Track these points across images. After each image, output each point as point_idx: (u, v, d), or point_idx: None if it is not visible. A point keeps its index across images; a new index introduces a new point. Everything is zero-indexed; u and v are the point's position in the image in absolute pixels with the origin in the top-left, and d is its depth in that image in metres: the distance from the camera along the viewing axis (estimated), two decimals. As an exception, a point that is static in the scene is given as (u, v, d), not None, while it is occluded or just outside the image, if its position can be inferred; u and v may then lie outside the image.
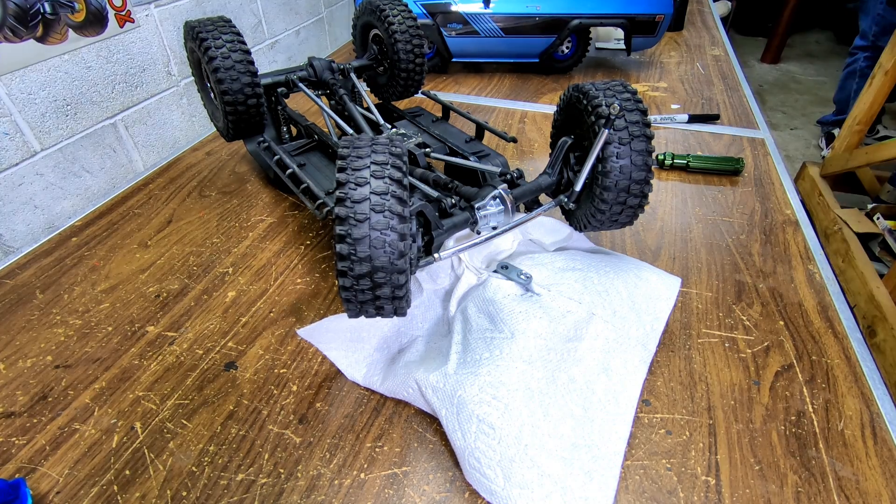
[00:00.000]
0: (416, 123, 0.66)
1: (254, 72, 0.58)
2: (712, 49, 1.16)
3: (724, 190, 0.67)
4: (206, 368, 0.44)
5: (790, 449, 0.37)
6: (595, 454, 0.35)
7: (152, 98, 0.78)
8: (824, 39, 3.70)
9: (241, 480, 0.36)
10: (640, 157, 0.42)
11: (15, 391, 0.42)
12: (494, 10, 0.90)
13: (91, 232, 0.60)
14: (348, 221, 0.32)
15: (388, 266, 0.33)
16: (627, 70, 1.05)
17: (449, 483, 0.36)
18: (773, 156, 0.74)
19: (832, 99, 2.27)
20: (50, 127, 0.63)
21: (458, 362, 0.39)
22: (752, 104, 0.90)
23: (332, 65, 0.67)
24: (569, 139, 0.47)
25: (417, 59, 0.66)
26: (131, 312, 0.49)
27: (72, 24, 0.64)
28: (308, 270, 0.54)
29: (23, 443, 0.39)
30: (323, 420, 0.40)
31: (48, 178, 0.64)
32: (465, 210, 0.43)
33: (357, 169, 0.33)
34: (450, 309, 0.45)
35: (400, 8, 0.65)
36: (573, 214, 0.49)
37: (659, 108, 0.88)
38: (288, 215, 0.62)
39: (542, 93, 0.95)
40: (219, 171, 0.72)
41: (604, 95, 0.43)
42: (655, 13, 0.92)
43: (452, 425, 0.36)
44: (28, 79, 0.60)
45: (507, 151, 0.75)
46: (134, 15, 0.72)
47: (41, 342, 0.46)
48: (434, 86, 0.99)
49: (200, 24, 0.57)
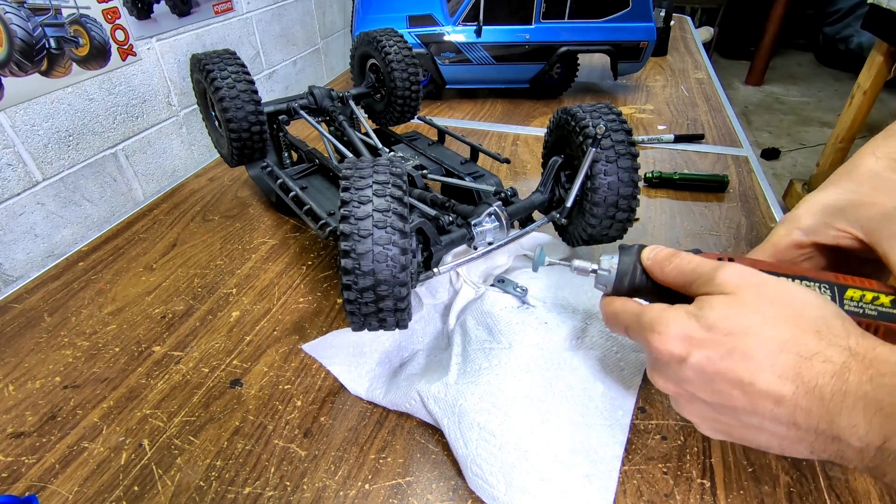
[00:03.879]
0: (412, 147, 0.68)
1: (257, 100, 0.60)
2: (696, 73, 1.21)
3: (710, 206, 0.69)
4: (212, 386, 0.45)
5: (781, 451, 0.39)
6: (593, 458, 0.36)
7: (153, 128, 0.80)
8: (806, 62, 3.82)
9: (248, 494, 0.37)
10: (626, 174, 0.44)
11: (24, 411, 0.43)
12: (485, 38, 0.93)
13: (97, 256, 0.62)
14: (352, 237, 0.34)
15: (391, 279, 0.35)
16: (615, 94, 1.09)
17: (452, 492, 0.37)
18: (757, 172, 0.77)
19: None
20: (52, 157, 0.65)
21: (458, 373, 0.40)
22: (735, 124, 0.94)
23: (332, 93, 0.70)
24: (559, 159, 0.50)
25: (413, 87, 0.69)
26: (138, 333, 0.50)
27: (76, 58, 0.66)
28: (310, 290, 0.56)
29: (33, 461, 0.39)
30: (327, 434, 0.41)
31: (49, 208, 0.66)
32: (462, 227, 0.45)
33: (360, 188, 0.35)
34: (449, 322, 0.46)
35: (396, 39, 0.69)
36: (566, 230, 0.51)
37: (646, 129, 0.92)
38: (289, 237, 0.64)
39: (534, 116, 0.99)
40: (221, 195, 0.74)
41: (591, 117, 0.45)
42: (640, 40, 0.96)
43: (455, 434, 0.37)
44: (32, 111, 0.62)
45: (500, 172, 0.78)
46: (136, 48, 0.75)
47: (49, 364, 0.47)
48: (429, 111, 1.02)
49: (206, 56, 0.60)
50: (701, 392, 0.29)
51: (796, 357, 0.26)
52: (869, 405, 0.24)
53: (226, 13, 0.91)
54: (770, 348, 0.27)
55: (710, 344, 0.28)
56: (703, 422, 0.31)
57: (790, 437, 0.27)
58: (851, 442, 0.24)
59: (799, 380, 0.26)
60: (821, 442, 0.26)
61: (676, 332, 0.29)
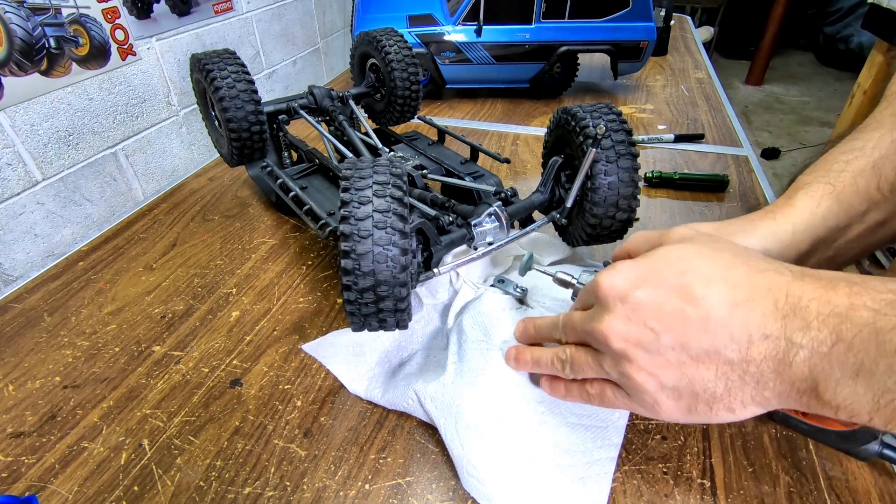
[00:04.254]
0: (412, 147, 0.68)
1: (257, 100, 0.60)
2: (696, 72, 1.21)
3: (710, 205, 0.69)
4: (212, 386, 0.45)
5: (781, 451, 0.39)
6: (589, 460, 0.36)
7: (152, 128, 0.80)
8: (806, 61, 3.82)
9: (248, 494, 0.37)
10: (626, 174, 0.44)
11: (24, 411, 0.43)
12: (485, 38, 0.93)
13: (97, 256, 0.62)
14: (352, 238, 0.34)
15: (391, 279, 0.35)
16: (615, 94, 1.09)
17: (451, 492, 0.37)
18: (757, 172, 0.77)
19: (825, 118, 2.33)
20: (52, 157, 0.65)
21: (455, 373, 0.40)
22: (735, 124, 0.94)
23: (332, 92, 0.70)
24: (559, 159, 0.49)
25: (413, 86, 0.69)
26: (138, 333, 0.50)
27: (75, 57, 0.66)
28: (310, 290, 0.56)
29: (32, 461, 0.39)
30: (327, 434, 0.41)
31: (49, 207, 0.66)
32: (462, 227, 0.45)
33: (360, 189, 0.35)
34: (448, 322, 0.46)
35: (396, 38, 0.68)
36: (566, 230, 0.51)
37: (646, 129, 0.92)
38: (289, 237, 0.64)
39: (534, 116, 0.99)
40: (221, 195, 0.74)
41: (591, 117, 0.45)
42: (640, 39, 0.96)
43: (451, 434, 0.37)
44: (31, 110, 0.62)
45: (500, 172, 0.78)
46: (136, 48, 0.75)
47: (49, 363, 0.47)
48: (429, 111, 1.02)
49: (206, 56, 0.60)
50: (651, 320, 0.28)
51: (748, 269, 0.27)
52: (823, 305, 0.24)
53: (226, 13, 0.91)
54: (721, 265, 0.28)
55: (660, 270, 0.29)
56: (651, 375, 0.29)
57: (741, 360, 0.26)
58: (804, 342, 0.25)
59: (752, 287, 0.26)
60: (771, 350, 0.25)
61: (623, 268, 0.30)
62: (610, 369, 0.31)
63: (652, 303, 0.28)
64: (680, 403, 0.29)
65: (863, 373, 0.23)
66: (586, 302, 0.34)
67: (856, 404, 0.24)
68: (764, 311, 0.26)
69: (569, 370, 0.34)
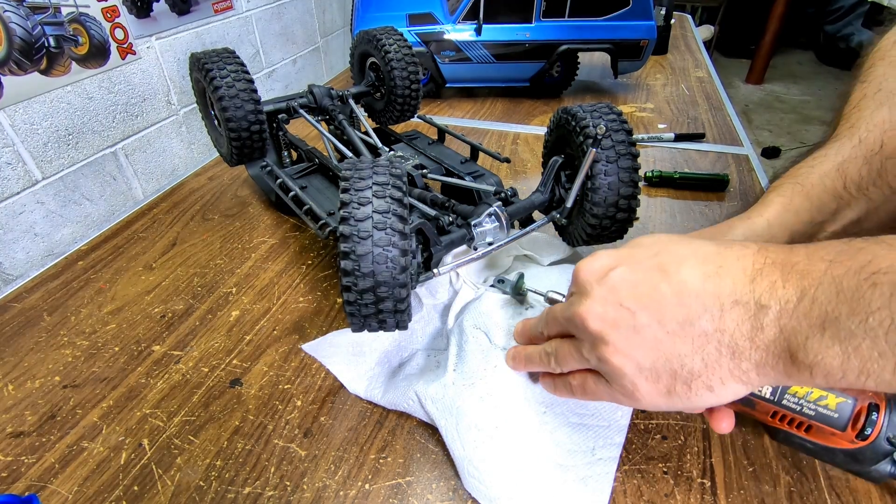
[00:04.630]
0: (412, 146, 0.68)
1: (257, 100, 0.60)
2: (696, 71, 1.21)
3: (710, 205, 0.69)
4: (212, 386, 0.45)
5: (781, 450, 0.39)
6: (590, 461, 0.36)
7: (152, 127, 0.80)
8: (806, 60, 3.81)
9: (248, 493, 0.37)
10: (626, 174, 0.44)
11: (24, 411, 0.43)
12: (485, 37, 0.93)
13: (97, 256, 0.62)
14: (352, 239, 0.34)
15: (391, 280, 0.35)
16: (615, 92, 1.09)
17: (452, 492, 0.37)
18: (757, 171, 0.77)
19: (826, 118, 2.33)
20: (51, 156, 0.65)
21: (456, 374, 0.40)
22: (736, 123, 0.93)
23: (332, 91, 0.70)
24: (559, 158, 0.49)
25: (413, 85, 0.69)
26: (137, 333, 0.50)
27: (75, 56, 0.66)
28: (310, 289, 0.56)
29: (32, 461, 0.39)
30: (327, 433, 0.41)
31: (49, 206, 0.66)
32: (462, 227, 0.45)
33: (360, 189, 0.35)
34: (448, 323, 0.46)
35: (396, 37, 0.68)
36: (566, 230, 0.51)
37: (646, 128, 0.92)
38: (289, 236, 0.64)
39: (534, 115, 0.99)
40: (221, 195, 0.74)
41: (591, 117, 0.45)
42: (640, 38, 0.96)
43: (452, 435, 0.37)
44: (31, 110, 0.62)
45: (500, 171, 0.78)
46: (136, 47, 0.75)
47: (49, 363, 0.47)
48: (429, 110, 1.02)
49: (205, 55, 0.60)
50: (628, 299, 0.29)
51: (717, 245, 0.29)
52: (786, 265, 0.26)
53: (225, 11, 0.91)
54: (693, 246, 0.29)
55: (635, 254, 0.31)
56: (628, 357, 0.29)
57: (715, 329, 0.27)
58: (771, 303, 0.25)
59: (721, 258, 0.28)
60: (742, 315, 0.26)
61: (600, 254, 0.32)
62: (588, 355, 0.31)
63: (628, 282, 0.29)
64: (659, 385, 0.29)
65: (828, 323, 0.24)
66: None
67: (827, 359, 0.24)
68: (734, 279, 0.27)
69: (554, 363, 0.34)
